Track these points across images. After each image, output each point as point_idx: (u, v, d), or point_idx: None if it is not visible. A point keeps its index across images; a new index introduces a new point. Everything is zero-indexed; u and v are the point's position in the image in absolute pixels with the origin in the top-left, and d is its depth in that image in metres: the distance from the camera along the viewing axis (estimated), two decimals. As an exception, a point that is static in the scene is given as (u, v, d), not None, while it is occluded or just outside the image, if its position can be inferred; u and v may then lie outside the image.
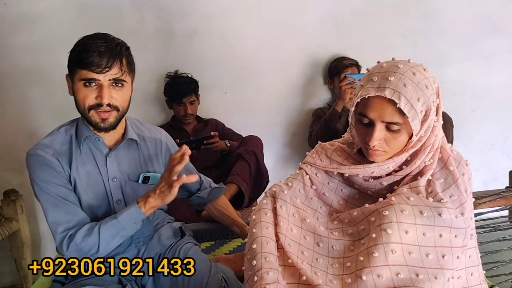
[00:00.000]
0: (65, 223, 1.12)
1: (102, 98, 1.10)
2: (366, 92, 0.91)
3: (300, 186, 1.08)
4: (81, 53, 1.09)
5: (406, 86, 0.88)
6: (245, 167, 2.06)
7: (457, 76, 2.54)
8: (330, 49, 2.46)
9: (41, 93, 2.25)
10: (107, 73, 1.09)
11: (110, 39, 1.14)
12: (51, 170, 1.14)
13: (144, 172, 1.27)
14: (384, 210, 0.89)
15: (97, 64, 1.07)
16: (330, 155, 1.08)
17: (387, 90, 0.88)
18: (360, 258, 0.88)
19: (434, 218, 0.88)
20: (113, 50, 1.10)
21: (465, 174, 0.97)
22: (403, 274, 0.84)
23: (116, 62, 1.10)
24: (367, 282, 0.84)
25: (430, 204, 0.90)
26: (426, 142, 0.96)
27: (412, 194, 0.92)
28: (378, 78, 0.91)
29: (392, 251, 0.85)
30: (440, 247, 0.87)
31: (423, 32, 2.48)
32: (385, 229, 0.87)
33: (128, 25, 2.23)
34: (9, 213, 2.08)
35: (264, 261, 0.92)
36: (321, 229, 0.98)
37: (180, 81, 2.24)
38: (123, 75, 1.13)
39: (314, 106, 2.52)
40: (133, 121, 1.32)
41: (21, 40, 2.18)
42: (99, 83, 1.10)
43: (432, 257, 0.86)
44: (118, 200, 1.22)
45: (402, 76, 0.89)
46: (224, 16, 2.34)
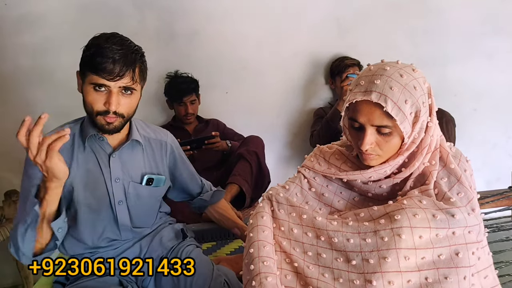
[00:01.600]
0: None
1: (110, 105, 1.09)
2: (353, 96, 0.91)
3: (297, 190, 1.07)
4: (94, 57, 1.06)
5: (393, 89, 0.87)
6: (247, 167, 2.05)
7: (459, 75, 2.53)
8: (332, 49, 2.45)
9: (42, 94, 2.25)
10: (118, 81, 1.08)
11: (127, 45, 1.10)
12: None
13: (148, 174, 1.26)
14: (396, 214, 0.87)
15: (110, 71, 1.06)
16: (328, 158, 1.07)
17: (373, 94, 0.87)
18: (370, 260, 0.86)
19: (449, 221, 0.86)
20: (127, 58, 1.08)
21: (467, 171, 0.96)
22: (413, 280, 0.83)
23: (129, 71, 1.09)
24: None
25: (442, 207, 0.88)
26: (422, 143, 0.94)
27: (424, 197, 0.91)
28: (365, 82, 0.91)
29: (405, 258, 0.84)
30: (454, 245, 0.85)
31: (425, 31, 2.47)
32: (399, 234, 0.85)
33: (129, 26, 2.23)
34: (10, 214, 2.08)
35: (262, 265, 0.91)
36: (318, 220, 0.96)
37: (180, 80, 2.23)
38: (134, 83, 1.11)
39: (315, 106, 2.51)
40: (139, 123, 1.31)
41: (22, 41, 2.18)
42: (109, 89, 1.09)
43: (444, 257, 0.84)
44: (119, 201, 1.21)
45: (388, 78, 0.88)
46: (225, 16, 2.34)
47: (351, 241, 0.90)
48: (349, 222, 0.93)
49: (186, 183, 1.42)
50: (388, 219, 0.88)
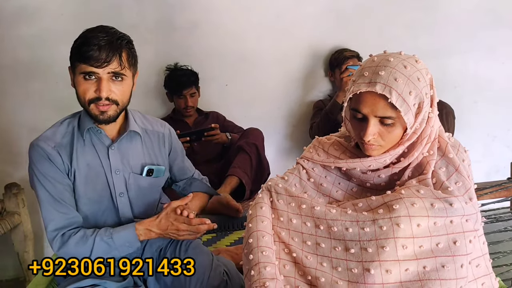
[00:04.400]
0: (56, 222, 1.14)
1: (101, 92, 1.09)
2: (357, 87, 0.90)
3: (296, 181, 1.08)
4: (81, 47, 1.08)
5: (397, 80, 0.87)
6: (246, 160, 2.06)
7: (459, 67, 2.53)
8: (331, 41, 2.45)
9: (41, 87, 2.25)
10: (106, 67, 1.09)
11: (112, 32, 1.12)
12: (50, 164, 1.14)
13: (148, 165, 1.26)
14: (394, 204, 0.88)
15: (96, 58, 1.07)
16: (327, 149, 1.08)
17: (378, 85, 0.87)
18: (368, 249, 0.87)
19: (446, 210, 0.87)
20: (113, 43, 1.09)
21: (465, 160, 0.97)
22: (411, 269, 0.84)
23: (116, 56, 1.09)
24: (374, 276, 0.84)
25: (440, 196, 0.89)
26: (422, 133, 0.95)
27: (421, 186, 0.91)
28: (369, 73, 0.90)
29: (403, 246, 0.85)
30: (452, 234, 0.86)
31: (425, 23, 2.46)
32: (397, 223, 0.86)
33: (128, 18, 2.22)
34: (10, 207, 2.09)
35: (261, 255, 0.92)
36: (317, 209, 0.97)
37: (180, 73, 2.23)
38: (123, 69, 1.12)
39: (315, 98, 2.51)
40: (136, 114, 1.31)
41: (21, 33, 2.18)
42: (98, 76, 1.09)
43: (442, 246, 0.85)
44: (120, 193, 1.21)
45: (393, 70, 0.88)
46: (225, 9, 2.33)
47: (349, 230, 0.91)
48: (348, 211, 0.94)
49: (174, 175, 1.42)
50: (386, 209, 0.89)
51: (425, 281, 0.83)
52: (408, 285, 0.83)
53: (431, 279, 0.82)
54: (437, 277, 0.82)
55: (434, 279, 0.82)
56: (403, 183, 0.96)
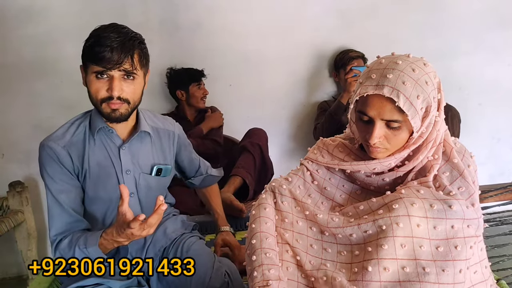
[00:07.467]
0: (57, 227, 1.15)
1: (113, 91, 1.09)
2: (364, 90, 0.89)
3: (300, 182, 1.07)
4: (93, 47, 1.08)
5: (405, 84, 0.86)
6: (250, 160, 2.06)
7: (464, 69, 2.52)
8: (336, 41, 2.44)
9: (46, 85, 2.25)
10: (118, 68, 1.09)
11: (124, 32, 1.11)
12: (58, 165, 1.14)
13: (157, 165, 1.27)
14: (394, 204, 0.88)
15: (108, 60, 1.07)
16: (331, 151, 1.07)
17: (385, 88, 0.86)
18: (368, 248, 0.87)
19: (446, 211, 0.86)
20: (125, 45, 1.09)
21: (470, 166, 0.95)
22: (409, 268, 0.84)
23: (127, 58, 1.09)
24: (372, 274, 0.83)
25: (440, 197, 0.88)
26: (428, 137, 0.94)
27: (422, 187, 0.91)
28: (376, 75, 0.89)
29: (402, 245, 0.84)
30: (453, 239, 0.85)
31: (431, 24, 2.45)
32: (396, 222, 0.86)
33: (133, 17, 2.22)
34: (14, 205, 2.10)
35: (264, 257, 0.92)
36: (320, 217, 0.97)
37: (186, 68, 2.27)
38: (135, 69, 1.12)
39: (319, 99, 2.51)
40: (147, 113, 1.32)
41: (26, 32, 2.18)
42: (110, 75, 1.10)
43: (442, 250, 0.85)
44: (131, 193, 1.20)
45: (401, 73, 0.87)
46: (229, 8, 2.33)
47: (353, 235, 0.91)
48: (350, 218, 0.94)
49: (184, 167, 1.47)
50: (386, 209, 0.89)
51: (424, 284, 0.82)
52: (407, 285, 0.83)
53: (430, 282, 0.82)
54: (436, 281, 0.82)
55: (433, 282, 0.82)
56: None
